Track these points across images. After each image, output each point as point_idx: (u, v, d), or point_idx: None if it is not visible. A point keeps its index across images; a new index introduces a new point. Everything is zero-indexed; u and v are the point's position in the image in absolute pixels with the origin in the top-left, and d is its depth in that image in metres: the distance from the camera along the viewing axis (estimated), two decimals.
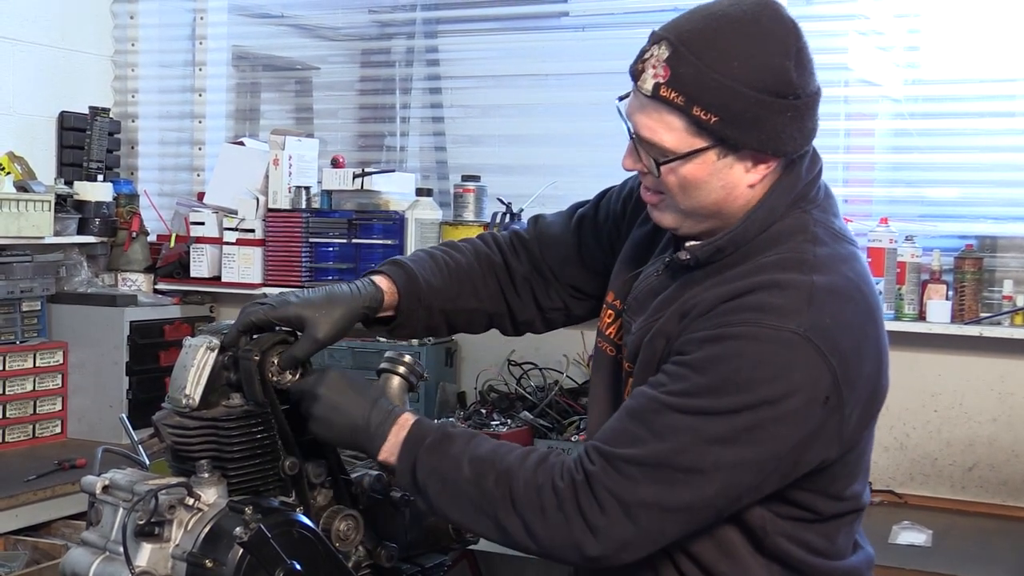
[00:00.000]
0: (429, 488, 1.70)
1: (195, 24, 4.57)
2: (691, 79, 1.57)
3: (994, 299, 3.26)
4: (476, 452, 1.69)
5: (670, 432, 1.58)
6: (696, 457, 1.57)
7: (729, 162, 1.62)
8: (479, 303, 2.02)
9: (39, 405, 3.89)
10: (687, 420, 1.58)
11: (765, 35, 1.60)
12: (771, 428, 1.56)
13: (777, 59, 1.59)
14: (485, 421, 3.52)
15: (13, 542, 3.26)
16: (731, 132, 1.59)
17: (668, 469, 1.58)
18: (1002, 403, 3.30)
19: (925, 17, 3.57)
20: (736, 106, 1.57)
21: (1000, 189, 3.45)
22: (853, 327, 1.61)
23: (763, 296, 1.59)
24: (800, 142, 1.64)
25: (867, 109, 3.80)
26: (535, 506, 1.62)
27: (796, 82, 1.60)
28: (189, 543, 1.67)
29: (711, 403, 1.57)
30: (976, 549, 2.93)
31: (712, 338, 1.59)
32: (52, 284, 4.01)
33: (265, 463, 1.80)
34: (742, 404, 1.55)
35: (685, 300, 1.68)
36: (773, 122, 1.59)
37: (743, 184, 1.64)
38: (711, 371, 1.58)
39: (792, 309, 1.57)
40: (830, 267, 1.63)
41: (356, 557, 1.86)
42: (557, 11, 4.12)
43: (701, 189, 1.64)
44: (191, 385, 1.77)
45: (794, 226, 1.66)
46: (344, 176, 3.97)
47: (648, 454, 1.58)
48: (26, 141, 4.17)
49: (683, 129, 1.60)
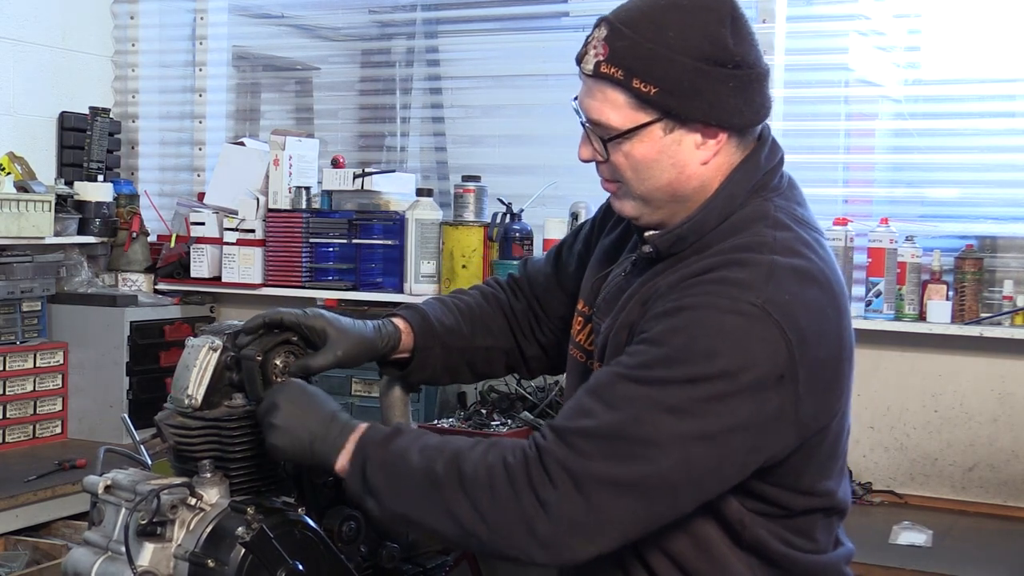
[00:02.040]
0: (378, 484, 1.64)
1: (195, 24, 4.57)
2: (628, 52, 1.60)
3: (994, 299, 3.26)
4: (426, 442, 1.66)
5: (624, 402, 1.55)
6: (650, 428, 1.53)
7: (677, 137, 1.63)
8: (493, 340, 2.04)
9: (39, 405, 3.89)
10: (641, 390, 1.55)
11: (699, 6, 1.62)
12: (728, 401, 1.53)
13: (712, 27, 1.61)
14: (485, 421, 3.52)
15: (13, 542, 3.26)
16: (673, 102, 1.60)
17: (621, 441, 1.54)
18: (1002, 403, 3.30)
19: (925, 17, 3.57)
20: (674, 74, 1.59)
21: (1000, 189, 3.45)
22: (813, 307, 1.60)
23: (722, 272, 1.59)
24: (748, 116, 1.65)
25: (867, 109, 3.80)
26: (484, 484, 1.57)
27: (733, 50, 1.61)
28: (191, 543, 1.67)
29: (667, 373, 1.54)
30: (976, 550, 2.93)
31: (670, 311, 1.59)
32: (52, 284, 4.01)
33: (267, 463, 1.80)
34: (698, 374, 1.53)
35: (647, 289, 1.69)
36: (714, 91, 1.61)
37: (694, 161, 1.65)
38: (668, 343, 1.56)
39: (752, 283, 1.57)
40: (791, 249, 1.63)
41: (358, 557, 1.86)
42: (557, 11, 4.12)
43: (652, 168, 1.65)
44: (193, 385, 1.78)
45: (754, 213, 1.67)
46: (344, 176, 3.97)
47: (601, 425, 1.55)
48: (26, 141, 4.17)
49: (626, 104, 1.62)
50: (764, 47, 3.79)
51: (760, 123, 1.69)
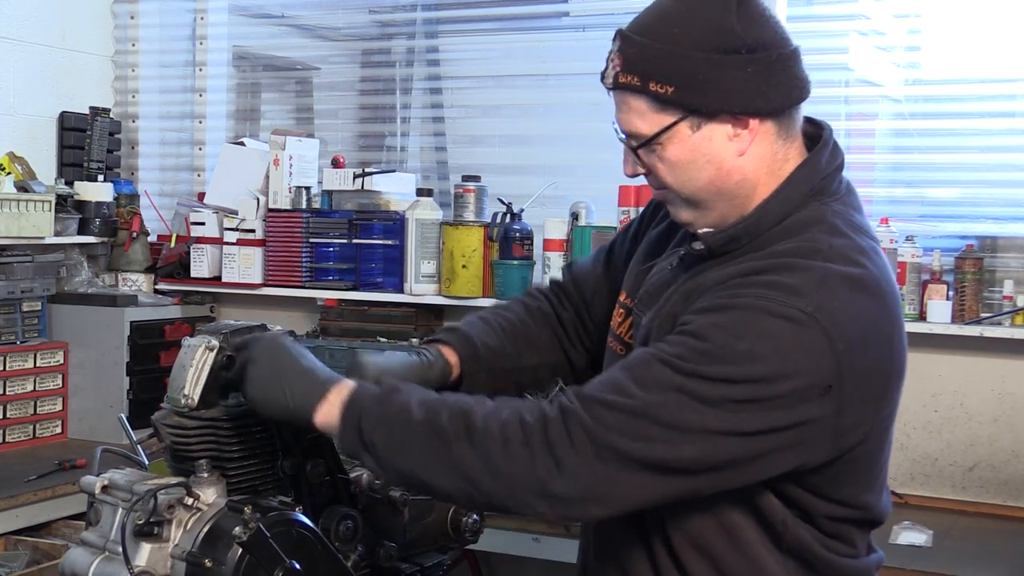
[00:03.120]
0: (376, 439, 1.59)
1: (195, 24, 4.58)
2: (639, 57, 1.60)
3: (994, 299, 3.26)
4: (428, 396, 1.62)
5: (656, 385, 1.52)
6: (678, 414, 1.50)
7: (706, 133, 1.60)
8: (540, 358, 1.98)
9: (39, 405, 3.89)
10: (676, 378, 1.51)
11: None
12: (763, 405, 1.50)
13: (717, 14, 1.58)
14: None
15: (13, 542, 3.26)
16: (692, 98, 1.58)
17: (647, 421, 1.50)
18: (1003, 403, 3.30)
19: (925, 17, 3.57)
20: (687, 70, 1.57)
21: (1000, 189, 3.46)
22: (864, 317, 1.56)
23: (774, 275, 1.55)
24: (776, 99, 1.62)
25: (868, 109, 3.80)
26: (496, 438, 1.53)
27: (743, 34, 1.58)
28: (188, 543, 1.67)
29: (705, 368, 1.50)
30: (977, 549, 2.93)
31: (716, 307, 1.55)
32: (52, 284, 4.01)
33: (264, 462, 1.80)
34: (737, 375, 1.50)
35: (692, 284, 1.65)
36: (731, 79, 1.58)
37: (731, 155, 1.61)
38: (710, 338, 1.52)
39: (803, 289, 1.52)
40: (846, 257, 1.58)
41: (355, 557, 1.86)
42: (557, 11, 4.12)
43: (689, 169, 1.62)
44: (190, 385, 1.77)
45: (810, 218, 1.62)
46: (344, 176, 3.97)
47: (629, 402, 1.51)
48: (27, 141, 4.17)
49: (649, 109, 1.61)
50: None
51: (793, 105, 1.65)
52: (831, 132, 1.72)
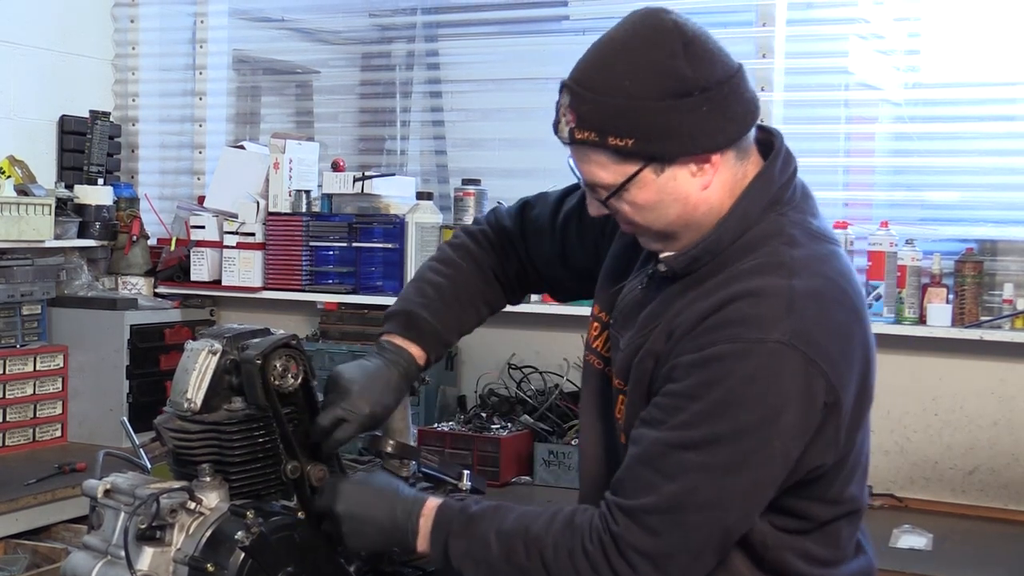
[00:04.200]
0: (465, 570, 1.71)
1: (195, 28, 4.58)
2: (593, 113, 1.59)
3: (994, 303, 3.26)
4: (502, 527, 1.69)
5: (680, 472, 1.57)
6: (711, 492, 1.57)
7: (670, 174, 1.61)
8: (488, 309, 2.09)
9: (39, 409, 3.89)
10: (694, 457, 1.56)
11: (646, 45, 1.59)
12: (776, 442, 1.56)
13: (665, 61, 1.57)
14: (485, 425, 3.52)
15: (13, 546, 3.26)
16: (653, 148, 1.59)
17: (687, 510, 1.57)
18: (1003, 407, 3.30)
19: (925, 21, 3.57)
20: (644, 122, 1.57)
21: (1000, 193, 3.45)
22: (837, 328, 1.60)
23: (742, 306, 1.57)
24: (733, 130, 1.62)
25: (867, 112, 3.80)
26: (569, 571, 1.63)
27: (694, 77, 1.57)
28: (191, 547, 1.67)
29: (713, 431, 1.55)
30: (977, 553, 2.93)
31: (699, 362, 1.58)
32: (52, 288, 4.01)
33: (267, 467, 1.80)
34: (743, 426, 1.55)
35: (670, 318, 1.67)
36: (689, 122, 1.58)
37: (695, 190, 1.63)
38: (704, 396, 1.56)
39: (773, 318, 1.55)
40: (809, 268, 1.61)
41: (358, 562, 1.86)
42: (557, 15, 4.12)
43: (655, 210, 1.64)
44: (193, 389, 1.77)
45: (769, 230, 1.64)
46: (344, 180, 3.97)
47: (664, 499, 1.58)
48: (27, 145, 4.17)
49: (610, 162, 1.61)
50: (764, 50, 3.81)
51: (749, 128, 1.65)
52: (782, 139, 1.73)
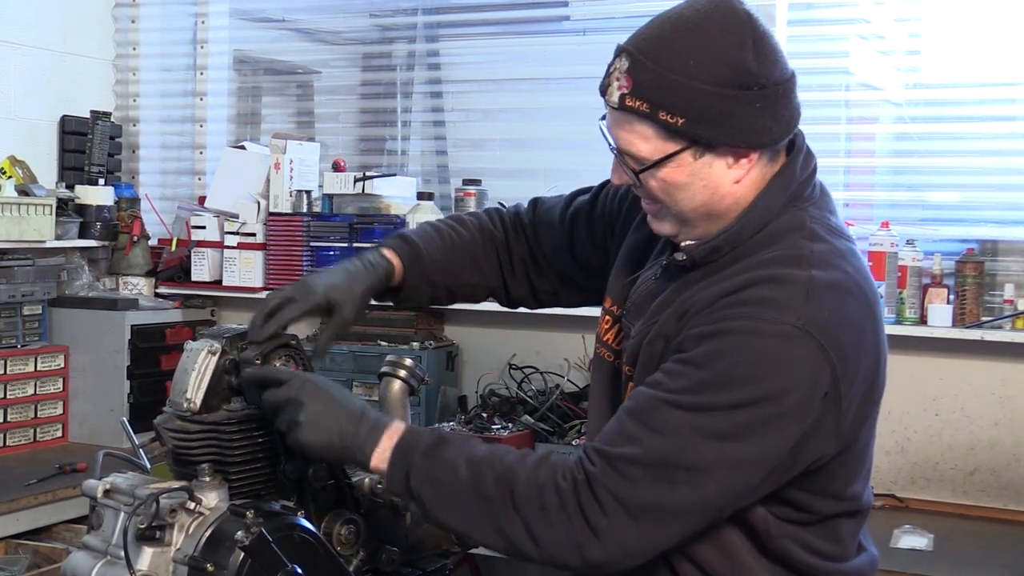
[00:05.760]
0: (424, 494, 1.67)
1: (196, 28, 4.58)
2: (652, 85, 1.59)
3: (995, 303, 3.25)
4: (473, 454, 1.67)
5: (670, 430, 1.56)
6: (697, 455, 1.56)
7: (708, 160, 1.62)
8: (481, 279, 2.08)
9: (40, 409, 3.89)
10: (687, 417, 1.56)
11: (719, 30, 1.59)
12: (773, 423, 1.55)
13: (733, 51, 1.58)
14: (486, 425, 3.52)
15: (14, 546, 3.26)
16: (701, 131, 1.59)
17: (669, 467, 1.56)
18: (1003, 407, 3.30)
19: (926, 21, 3.56)
20: (700, 104, 1.58)
21: (1001, 193, 3.45)
22: (852, 322, 1.61)
23: (760, 290, 1.59)
24: (777, 132, 1.64)
25: (868, 113, 3.80)
26: (536, 505, 1.60)
27: (757, 72, 1.59)
28: (190, 547, 1.67)
29: (711, 399, 1.56)
30: (978, 553, 2.93)
31: (710, 333, 1.58)
32: (53, 288, 4.01)
33: (266, 467, 1.80)
34: (743, 399, 1.55)
35: (683, 300, 1.68)
36: (742, 115, 1.59)
37: (727, 182, 1.64)
38: (710, 366, 1.57)
39: (790, 303, 1.57)
40: (828, 262, 1.63)
41: (357, 561, 1.86)
42: (558, 15, 4.12)
43: (684, 191, 1.64)
44: (192, 389, 1.77)
45: (790, 224, 1.66)
46: (345, 180, 3.97)
47: (648, 453, 1.57)
48: (27, 145, 4.17)
49: (655, 136, 1.61)
50: None
51: (790, 134, 1.67)
52: (803, 137, 1.75)
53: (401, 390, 2.03)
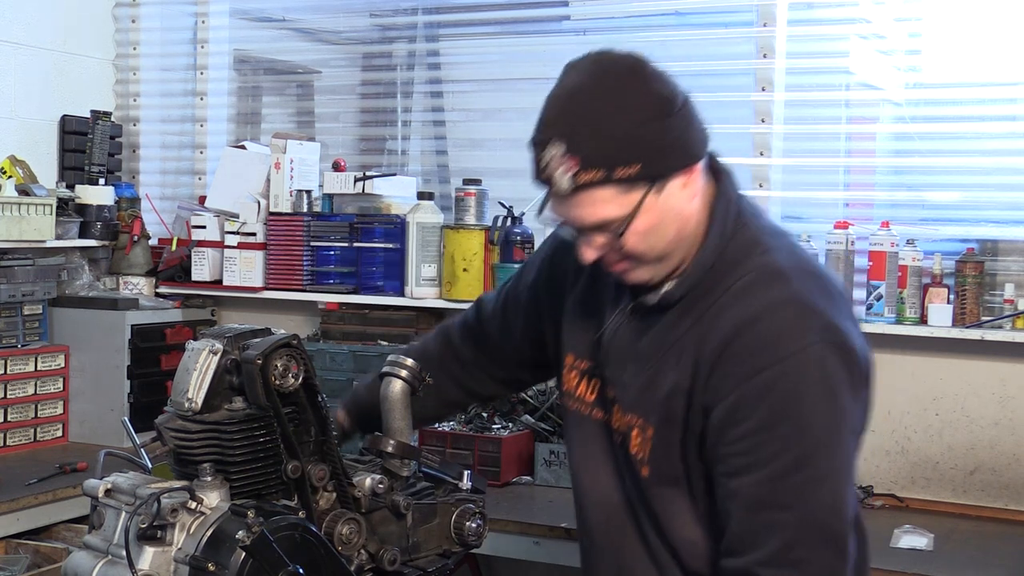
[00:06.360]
0: None
1: (196, 28, 4.58)
2: (598, 150, 1.65)
3: (995, 303, 3.25)
4: None
5: (795, 497, 1.64)
6: (828, 498, 1.65)
7: (668, 192, 1.70)
8: (448, 411, 2.35)
9: (40, 409, 3.89)
10: (799, 477, 1.63)
11: (618, 80, 1.68)
12: (847, 427, 1.67)
13: (643, 88, 1.67)
14: (486, 425, 3.52)
15: (14, 546, 3.26)
16: (655, 167, 1.67)
17: (817, 526, 1.63)
18: (1004, 407, 3.30)
19: (926, 21, 3.56)
20: (646, 144, 1.66)
21: (1001, 193, 3.45)
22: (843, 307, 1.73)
23: (764, 326, 1.67)
24: (703, 140, 1.74)
25: (868, 112, 3.80)
26: None
27: (670, 95, 1.68)
28: (192, 546, 1.67)
29: (802, 449, 1.64)
30: (978, 553, 2.93)
31: (757, 394, 1.65)
32: (54, 288, 4.01)
33: (267, 467, 1.80)
34: (824, 431, 1.64)
35: (680, 345, 1.73)
36: (680, 136, 1.69)
37: (687, 202, 1.72)
38: (780, 423, 1.64)
39: (798, 326, 1.66)
40: (795, 268, 1.73)
41: (359, 561, 1.86)
42: (558, 15, 4.12)
43: (659, 230, 1.71)
44: (193, 389, 1.77)
45: (744, 242, 1.75)
46: (345, 180, 3.97)
47: (795, 529, 1.63)
48: (28, 145, 4.18)
49: (617, 194, 1.67)
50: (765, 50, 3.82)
51: (710, 138, 1.76)
52: (718, 157, 1.81)
53: (403, 390, 2.02)
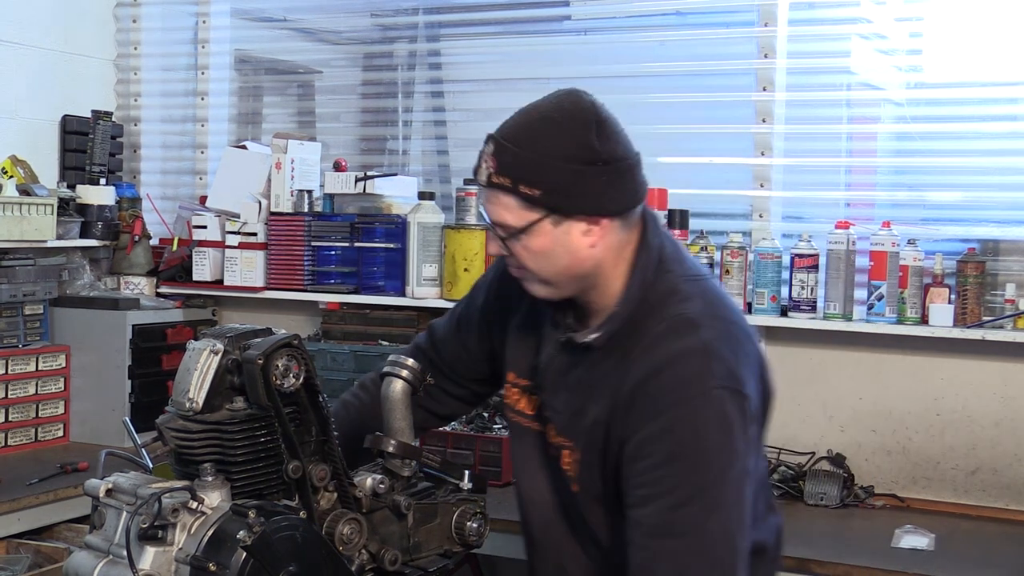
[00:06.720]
0: None
1: (197, 28, 4.58)
2: (512, 163, 1.84)
3: (996, 303, 3.25)
4: None
5: (692, 527, 1.77)
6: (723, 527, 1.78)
7: (565, 228, 1.85)
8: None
9: (42, 409, 3.89)
10: (694, 508, 1.77)
11: (567, 116, 1.85)
12: (741, 463, 1.81)
13: (580, 132, 1.83)
14: (487, 425, 3.52)
15: (15, 546, 3.26)
16: (555, 201, 1.83)
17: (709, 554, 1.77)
18: (1005, 407, 3.30)
19: (927, 20, 3.56)
20: (552, 177, 1.82)
21: (1002, 192, 3.45)
22: (747, 358, 1.87)
23: (674, 372, 1.82)
24: (623, 202, 1.88)
25: (870, 112, 3.80)
26: None
27: (600, 149, 1.83)
28: (192, 546, 1.67)
29: (697, 479, 1.78)
30: (979, 553, 2.93)
31: (660, 432, 1.79)
32: (55, 288, 4.01)
33: (268, 466, 1.80)
34: (720, 465, 1.78)
35: (602, 384, 1.89)
36: (590, 186, 1.83)
37: (584, 246, 1.86)
38: (679, 459, 1.78)
39: (702, 371, 1.80)
40: (708, 315, 1.87)
41: (360, 561, 1.86)
42: (559, 15, 4.12)
43: (549, 256, 1.87)
44: (195, 389, 1.78)
45: (663, 289, 1.90)
46: (346, 180, 3.97)
47: (688, 555, 1.76)
48: (29, 145, 4.18)
49: (517, 207, 1.84)
50: (766, 50, 3.82)
51: (637, 205, 1.90)
52: (645, 206, 1.95)
53: (404, 390, 2.03)
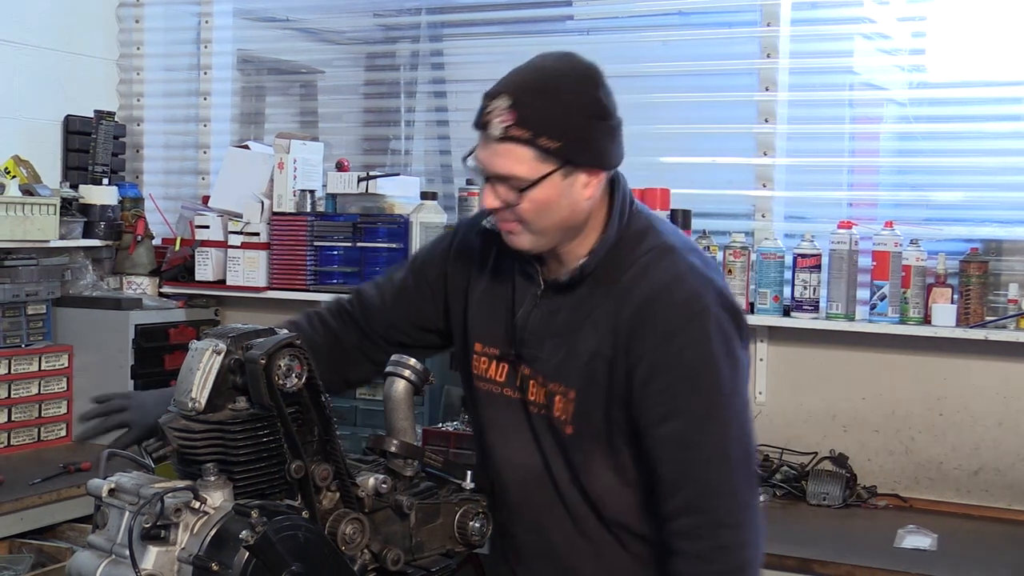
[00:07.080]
0: None
1: (200, 28, 4.59)
2: (533, 116, 1.90)
3: (999, 303, 3.25)
4: None
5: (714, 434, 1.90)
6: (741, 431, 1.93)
7: (571, 180, 1.93)
8: None
9: (44, 408, 3.89)
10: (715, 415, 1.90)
11: (578, 75, 1.95)
12: (744, 371, 1.98)
13: (591, 88, 1.94)
14: None
15: (18, 545, 3.26)
16: (572, 153, 1.91)
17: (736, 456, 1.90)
18: (1007, 407, 3.30)
19: (930, 20, 3.56)
20: (573, 130, 1.91)
21: (1005, 192, 3.44)
22: (725, 280, 2.04)
23: (673, 295, 1.93)
24: (616, 157, 1.98)
25: (872, 112, 3.80)
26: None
27: (608, 107, 1.95)
28: (195, 546, 1.67)
29: (713, 392, 1.90)
30: (981, 553, 2.93)
31: (673, 354, 1.90)
32: (57, 287, 4.02)
33: (271, 466, 1.80)
34: (728, 376, 1.91)
35: (597, 316, 1.97)
36: (600, 140, 1.94)
37: (582, 198, 1.95)
38: (695, 376, 1.90)
39: (698, 293, 1.93)
40: (684, 246, 2.02)
41: (362, 560, 1.86)
42: (562, 15, 4.12)
43: (552, 208, 1.93)
44: (197, 388, 1.78)
45: (640, 227, 2.03)
46: (349, 179, 3.97)
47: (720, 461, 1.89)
48: (32, 145, 4.18)
49: (533, 159, 1.90)
50: (768, 50, 3.82)
51: (621, 161, 2.00)
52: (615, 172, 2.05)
53: (406, 389, 2.03)
